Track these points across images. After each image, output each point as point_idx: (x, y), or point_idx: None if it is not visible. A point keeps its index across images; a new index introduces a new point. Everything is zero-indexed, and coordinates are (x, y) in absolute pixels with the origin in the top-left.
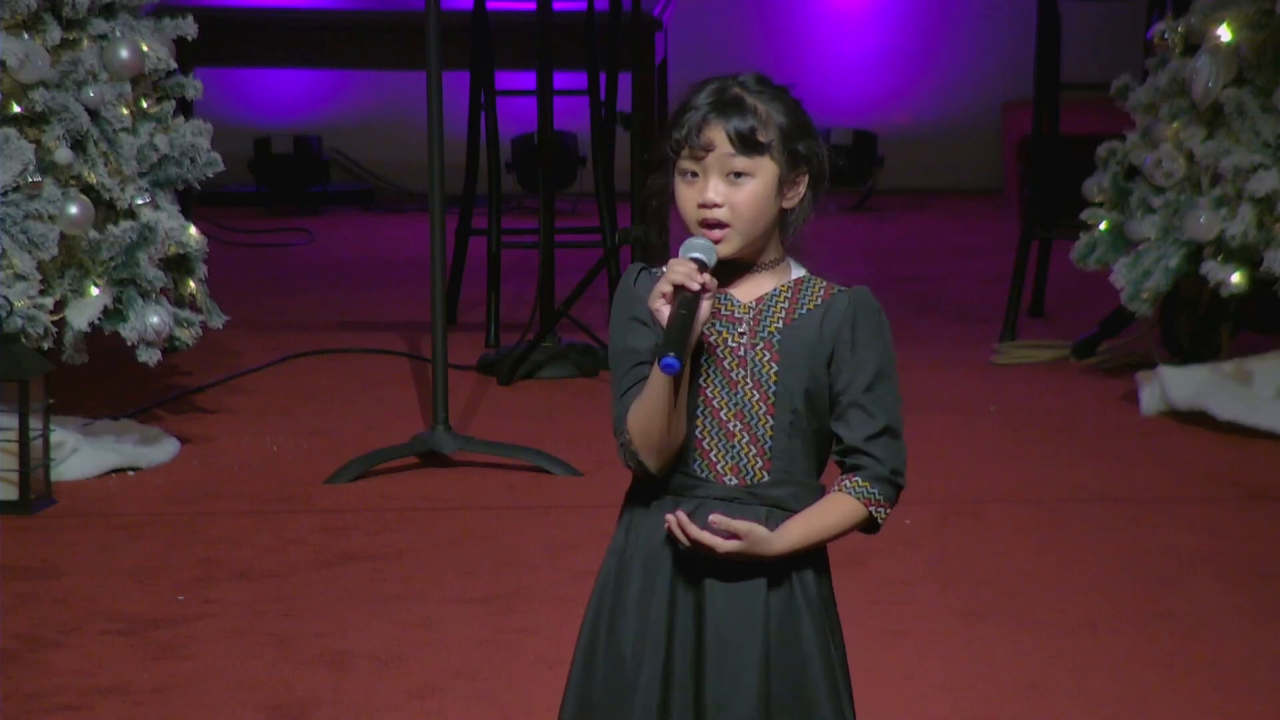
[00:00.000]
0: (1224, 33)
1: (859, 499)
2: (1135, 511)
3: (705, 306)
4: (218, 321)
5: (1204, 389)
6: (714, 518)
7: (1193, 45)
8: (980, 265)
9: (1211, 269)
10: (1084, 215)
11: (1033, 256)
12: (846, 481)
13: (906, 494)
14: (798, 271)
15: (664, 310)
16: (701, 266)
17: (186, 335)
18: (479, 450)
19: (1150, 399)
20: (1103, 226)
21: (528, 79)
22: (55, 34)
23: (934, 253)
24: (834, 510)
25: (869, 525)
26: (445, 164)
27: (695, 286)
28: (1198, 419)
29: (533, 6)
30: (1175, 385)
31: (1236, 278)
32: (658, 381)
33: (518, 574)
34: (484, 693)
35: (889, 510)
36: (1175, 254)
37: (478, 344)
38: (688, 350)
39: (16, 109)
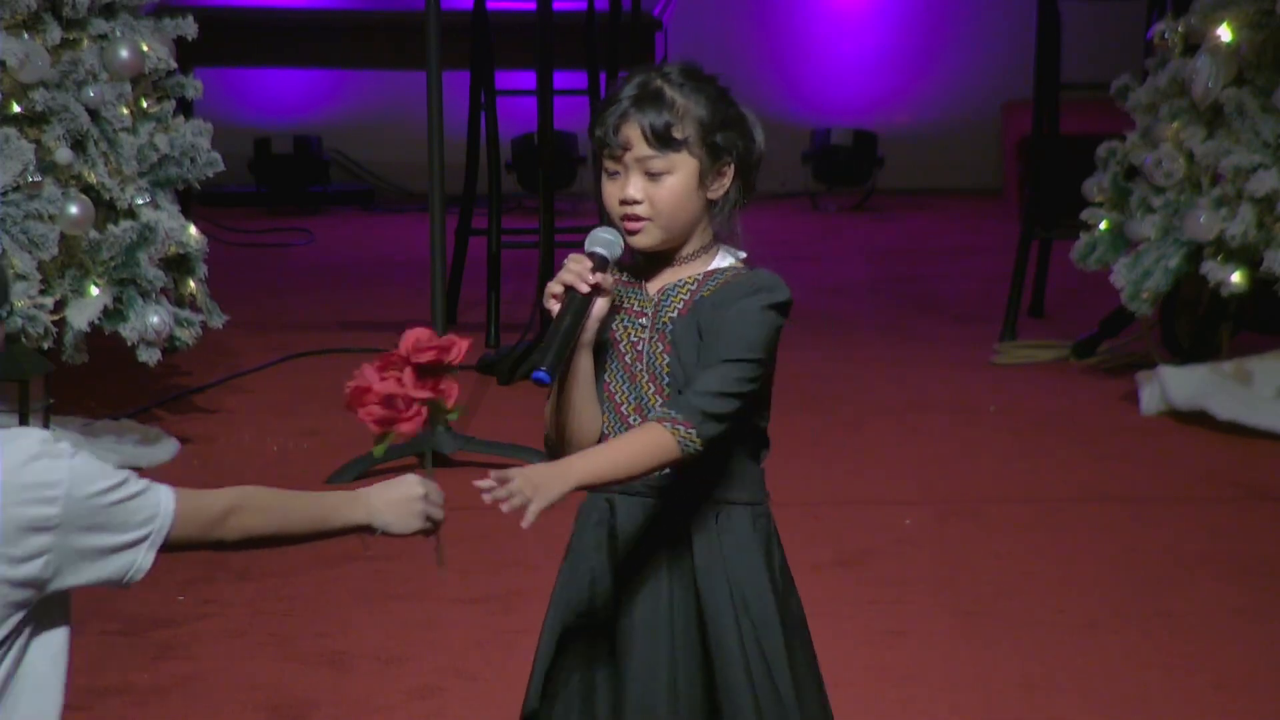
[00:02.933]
0: (1224, 33)
1: (655, 419)
2: (1135, 511)
3: (600, 304)
4: (218, 321)
5: (1204, 389)
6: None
7: (1193, 45)
8: (980, 265)
9: (1211, 269)
10: (1084, 215)
11: (1033, 256)
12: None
13: (906, 494)
14: (723, 261)
15: (556, 309)
16: (601, 263)
17: (186, 335)
18: (479, 450)
19: (1150, 399)
20: (1103, 226)
21: (528, 79)
22: (55, 34)
23: (934, 253)
24: (629, 437)
25: (678, 448)
26: (445, 164)
27: (584, 289)
28: (1198, 419)
29: (533, 6)
30: (1175, 385)
31: (1236, 278)
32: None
33: (518, 574)
34: (484, 693)
35: (693, 431)
36: (1175, 254)
37: (478, 344)
38: (562, 360)
39: (16, 109)
